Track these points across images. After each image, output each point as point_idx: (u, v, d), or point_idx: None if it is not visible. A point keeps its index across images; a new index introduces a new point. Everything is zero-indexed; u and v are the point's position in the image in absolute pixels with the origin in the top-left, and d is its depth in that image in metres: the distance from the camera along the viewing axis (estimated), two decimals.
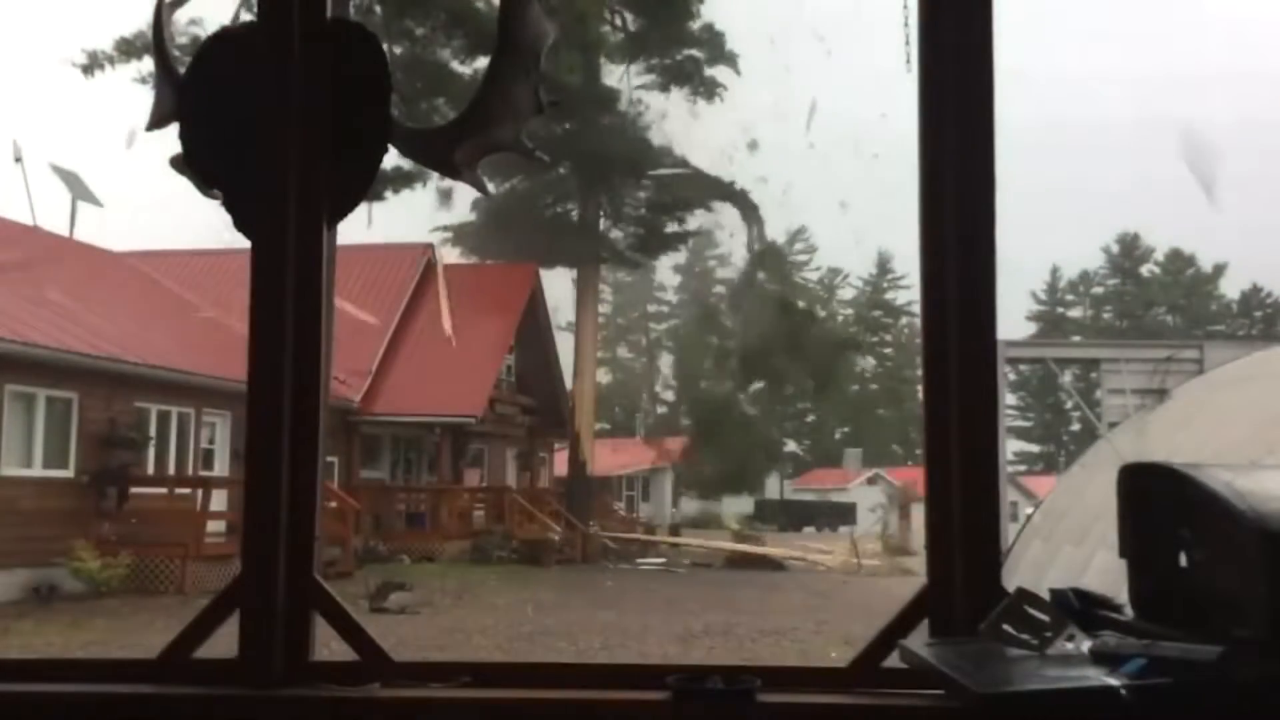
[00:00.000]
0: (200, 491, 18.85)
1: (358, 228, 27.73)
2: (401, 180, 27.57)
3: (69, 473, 17.99)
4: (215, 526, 18.83)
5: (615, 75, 30.44)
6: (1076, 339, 61.86)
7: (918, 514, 39.35)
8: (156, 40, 2.68)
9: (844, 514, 57.27)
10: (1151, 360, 15.25)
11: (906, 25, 2.45)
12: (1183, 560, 1.87)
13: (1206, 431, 12.11)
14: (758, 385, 35.19)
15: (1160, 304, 72.09)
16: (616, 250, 33.53)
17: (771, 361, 32.53)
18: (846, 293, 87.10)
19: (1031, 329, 70.39)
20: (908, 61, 2.43)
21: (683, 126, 32.39)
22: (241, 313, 2.36)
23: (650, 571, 25.27)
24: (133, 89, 24.37)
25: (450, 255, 33.78)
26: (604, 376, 65.39)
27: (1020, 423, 65.58)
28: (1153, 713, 1.64)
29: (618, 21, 28.78)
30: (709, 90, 30.01)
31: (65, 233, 26.00)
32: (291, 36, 2.35)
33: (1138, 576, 2.00)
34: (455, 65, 27.66)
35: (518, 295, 29.83)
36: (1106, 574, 8.43)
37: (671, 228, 32.49)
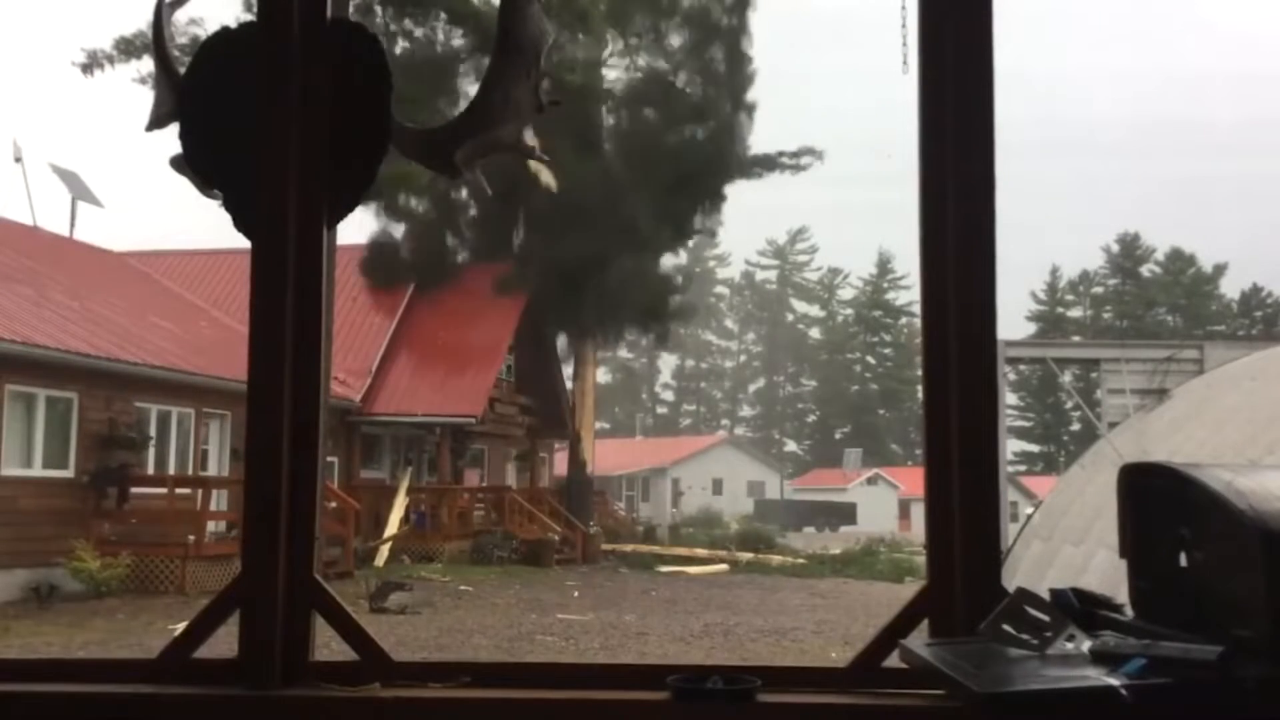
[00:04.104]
0: (200, 491, 18.84)
1: (358, 228, 27.70)
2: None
3: (69, 473, 17.98)
4: (215, 526, 18.82)
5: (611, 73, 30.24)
6: (1076, 339, 61.84)
7: (917, 513, 39.33)
8: (156, 40, 2.68)
9: (844, 514, 57.32)
10: (1151, 360, 15.26)
11: (904, 26, 2.45)
12: (1183, 560, 1.87)
13: (1206, 431, 12.12)
14: None
15: (1160, 304, 72.14)
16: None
17: None
18: (846, 293, 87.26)
19: (1031, 329, 70.47)
20: (904, 63, 2.44)
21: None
22: (242, 313, 2.38)
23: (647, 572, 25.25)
24: (133, 89, 24.37)
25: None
26: (604, 376, 65.44)
27: (1020, 423, 65.60)
28: (1153, 713, 1.64)
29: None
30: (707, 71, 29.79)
31: (65, 233, 26.01)
32: (292, 37, 2.35)
33: (1138, 576, 2.01)
34: (455, 65, 27.61)
35: (517, 295, 29.79)
36: (1106, 574, 8.45)
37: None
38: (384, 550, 22.40)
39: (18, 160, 25.63)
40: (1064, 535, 12.41)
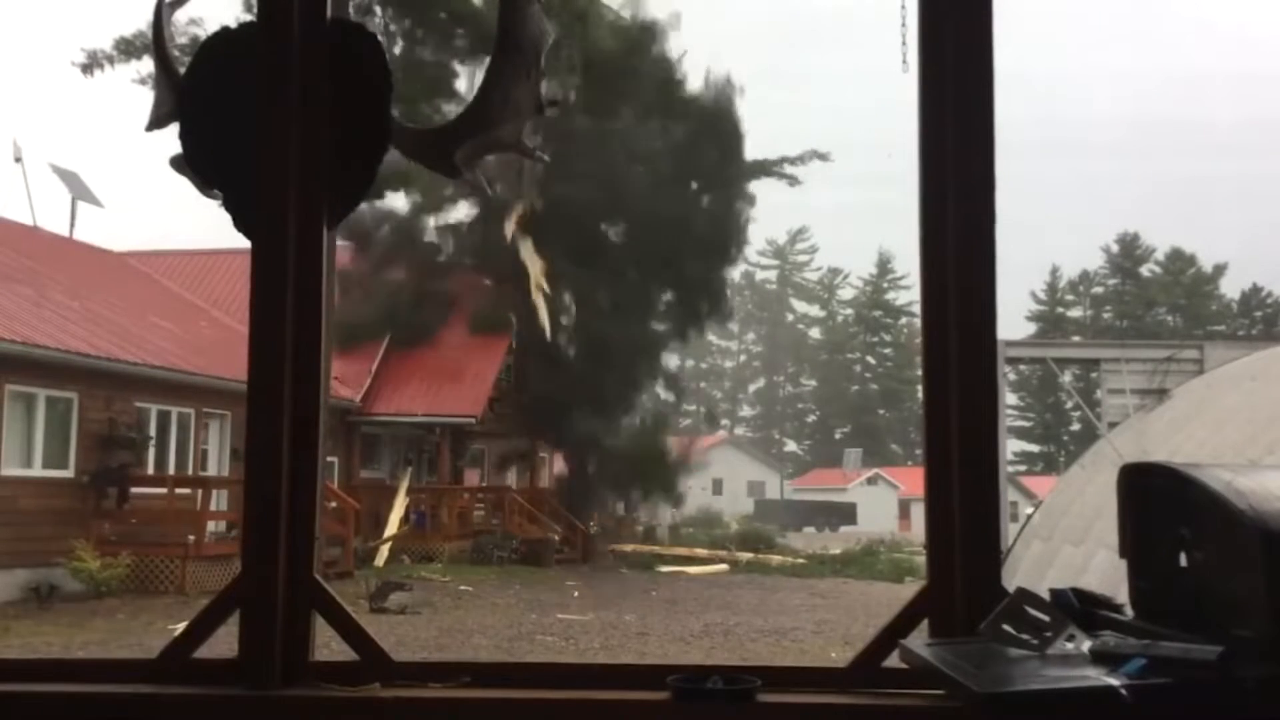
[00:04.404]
0: (200, 491, 18.84)
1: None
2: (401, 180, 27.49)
3: (69, 473, 17.98)
4: (215, 526, 18.83)
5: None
6: (1076, 339, 61.84)
7: (917, 513, 39.33)
8: (156, 40, 2.68)
9: (844, 514, 57.31)
10: (1151, 360, 15.27)
11: (904, 26, 2.45)
12: (1183, 560, 1.87)
13: (1206, 431, 12.12)
14: None
15: (1160, 304, 72.11)
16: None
17: None
18: (846, 293, 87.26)
19: (1031, 329, 70.39)
20: (904, 62, 2.44)
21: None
22: (242, 313, 2.38)
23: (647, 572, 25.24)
24: (133, 89, 24.33)
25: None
26: None
27: (1020, 423, 65.55)
28: (1153, 713, 1.64)
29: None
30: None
31: (65, 233, 26.00)
32: (291, 36, 2.35)
33: (1138, 576, 2.01)
34: (455, 65, 27.58)
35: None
36: (1106, 574, 8.44)
37: None
38: (384, 550, 22.38)
39: (18, 160, 25.62)
40: (1064, 535, 12.42)
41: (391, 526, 23.40)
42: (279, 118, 2.34)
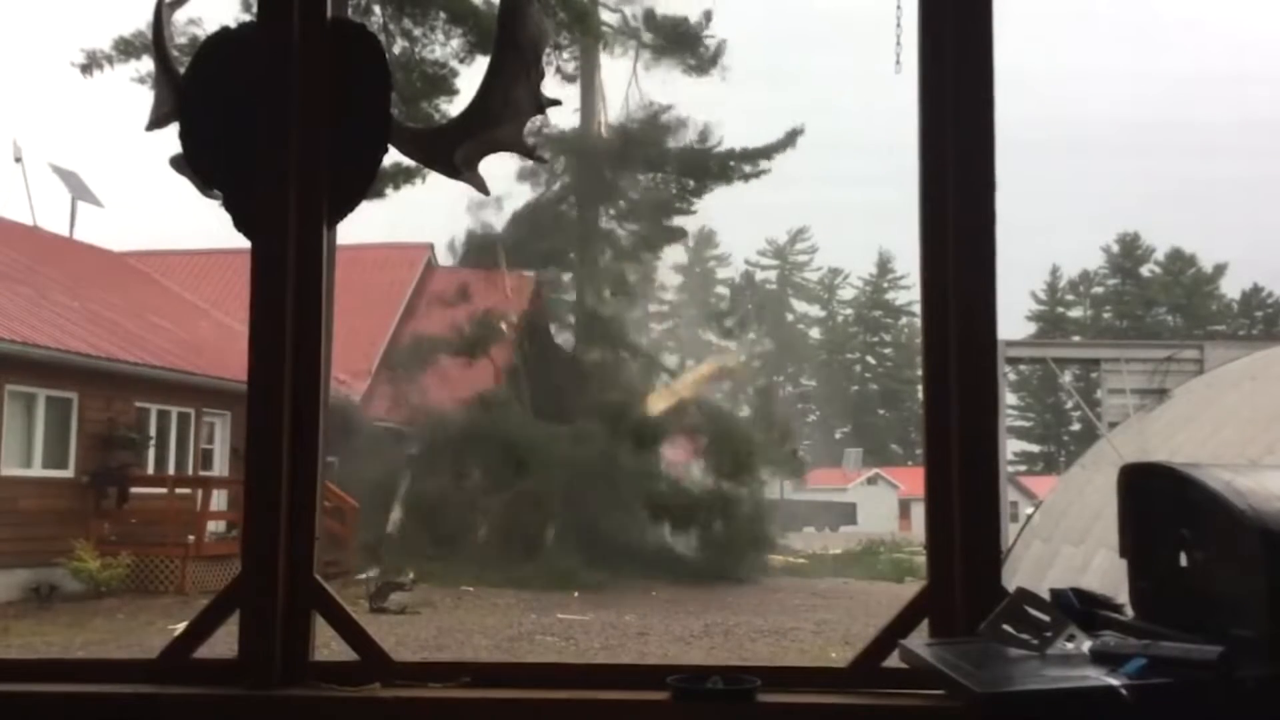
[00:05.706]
0: (200, 491, 18.84)
1: (359, 227, 27.45)
2: (403, 177, 27.44)
3: (69, 473, 17.98)
4: (215, 526, 18.82)
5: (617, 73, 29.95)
6: (1076, 339, 61.82)
7: (918, 513, 39.32)
8: (156, 40, 2.68)
9: (844, 514, 57.33)
10: (1151, 360, 15.26)
11: (898, 28, 2.46)
12: (1183, 560, 1.87)
13: (1206, 431, 12.11)
14: None
15: (1160, 304, 72.10)
16: (619, 246, 33.18)
17: None
18: (847, 293, 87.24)
19: (1031, 329, 70.30)
20: (897, 63, 2.44)
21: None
22: (242, 313, 2.37)
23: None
24: (133, 89, 24.30)
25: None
26: None
27: (1020, 423, 65.52)
28: (1153, 713, 1.64)
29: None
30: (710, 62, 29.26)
31: (65, 233, 25.99)
32: (291, 36, 2.35)
33: (1138, 576, 2.01)
34: (455, 64, 27.55)
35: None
36: (1106, 574, 8.45)
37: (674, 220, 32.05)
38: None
39: (18, 160, 25.61)
40: (1064, 535, 12.41)
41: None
42: (279, 118, 2.34)
